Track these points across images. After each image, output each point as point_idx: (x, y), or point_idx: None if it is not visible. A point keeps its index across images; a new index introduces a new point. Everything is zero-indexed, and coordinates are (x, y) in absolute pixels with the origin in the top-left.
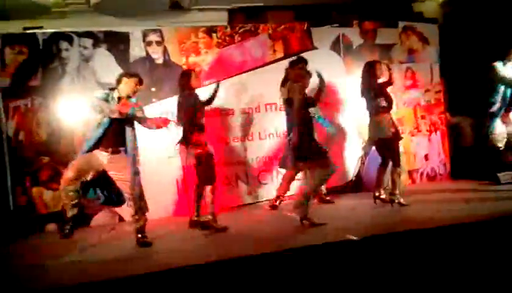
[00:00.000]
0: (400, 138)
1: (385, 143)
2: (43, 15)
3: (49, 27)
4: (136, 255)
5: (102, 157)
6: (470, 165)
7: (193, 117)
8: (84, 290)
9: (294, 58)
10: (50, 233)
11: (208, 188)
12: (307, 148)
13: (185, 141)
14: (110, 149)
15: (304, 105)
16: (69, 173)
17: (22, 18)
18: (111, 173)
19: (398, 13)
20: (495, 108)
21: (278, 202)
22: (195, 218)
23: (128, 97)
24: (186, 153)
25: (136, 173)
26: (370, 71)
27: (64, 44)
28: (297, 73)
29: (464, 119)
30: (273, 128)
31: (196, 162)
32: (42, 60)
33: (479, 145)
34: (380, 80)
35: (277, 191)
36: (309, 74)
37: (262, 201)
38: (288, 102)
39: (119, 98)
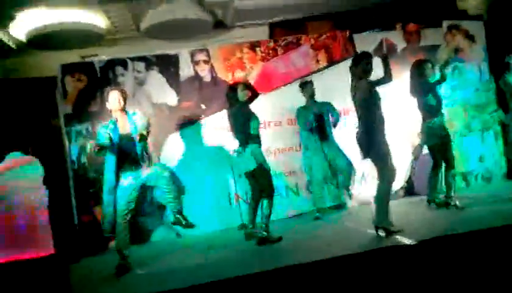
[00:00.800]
0: (451, 140)
1: (438, 146)
2: (97, 43)
3: (103, 54)
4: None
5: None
6: None
7: (247, 128)
8: None
9: (358, 54)
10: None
11: (266, 200)
12: (368, 145)
13: (241, 152)
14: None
15: (369, 100)
16: None
17: (78, 48)
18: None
19: (442, 12)
20: None
21: None
22: (250, 231)
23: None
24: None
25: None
26: (419, 70)
27: (119, 70)
28: (361, 70)
29: None
30: None
31: (252, 174)
32: (100, 86)
33: None
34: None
35: None
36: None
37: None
38: (354, 100)
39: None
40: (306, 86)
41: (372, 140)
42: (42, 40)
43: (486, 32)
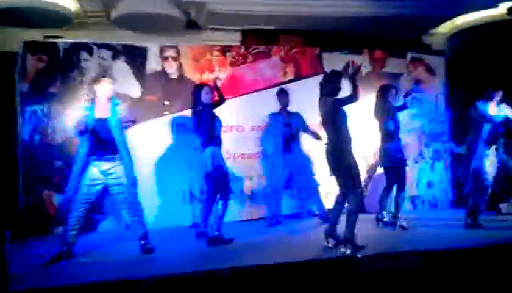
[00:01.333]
0: (406, 164)
1: (392, 168)
2: (64, 25)
3: (69, 38)
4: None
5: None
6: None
7: (208, 130)
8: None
9: (329, 72)
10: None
11: (221, 201)
12: (334, 162)
13: (201, 152)
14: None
15: (335, 117)
16: None
17: (44, 27)
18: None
19: (407, 44)
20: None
21: None
22: (202, 230)
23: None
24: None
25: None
26: (384, 94)
27: (84, 54)
28: (330, 87)
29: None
30: None
31: (209, 174)
32: (62, 68)
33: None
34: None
35: None
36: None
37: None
38: (321, 116)
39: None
40: (281, 94)
41: (338, 158)
42: (7, 15)
43: (446, 67)
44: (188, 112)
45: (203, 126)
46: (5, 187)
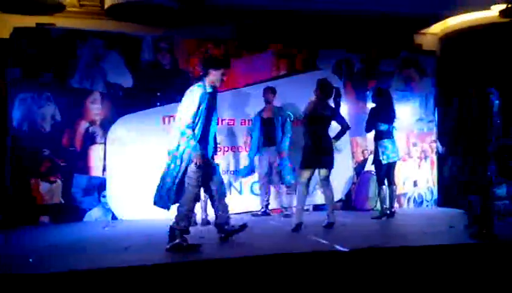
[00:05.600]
0: (396, 162)
1: (384, 165)
2: (57, 13)
3: (61, 26)
4: None
5: None
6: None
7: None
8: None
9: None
10: (44, 224)
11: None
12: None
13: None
14: None
15: (310, 120)
16: None
17: (36, 14)
18: None
19: (399, 44)
20: None
21: None
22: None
23: None
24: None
25: None
26: (379, 96)
27: (77, 42)
28: (323, 94)
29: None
30: None
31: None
32: (54, 56)
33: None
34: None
35: None
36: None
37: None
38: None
39: None
40: (265, 92)
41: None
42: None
43: (437, 68)
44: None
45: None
46: None
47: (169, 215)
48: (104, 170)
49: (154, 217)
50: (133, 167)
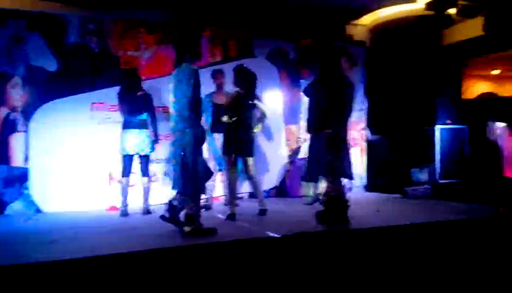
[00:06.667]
0: None
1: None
2: None
3: None
4: None
5: None
6: (384, 180)
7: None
8: None
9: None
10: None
11: (145, 180)
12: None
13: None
14: None
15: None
16: None
17: None
18: None
19: (332, 34)
20: None
21: None
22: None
23: None
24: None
25: None
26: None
27: None
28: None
29: (382, 137)
30: None
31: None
32: None
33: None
34: None
35: None
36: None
37: None
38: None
39: None
40: (214, 75)
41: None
42: None
43: (367, 58)
44: (109, 90)
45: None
46: None
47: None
48: (26, 159)
49: (81, 209)
50: (58, 157)
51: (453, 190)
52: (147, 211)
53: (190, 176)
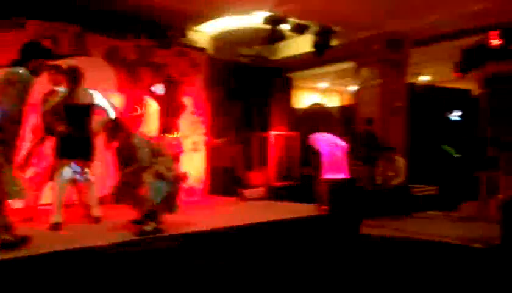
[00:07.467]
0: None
1: None
2: None
3: None
4: None
5: None
6: (224, 184)
7: None
8: None
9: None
10: None
11: None
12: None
13: None
14: None
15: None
16: None
17: None
18: None
19: (173, 37)
20: None
21: None
22: None
23: None
24: None
25: None
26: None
27: None
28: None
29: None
30: None
31: None
32: None
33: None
34: None
35: None
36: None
37: None
38: None
39: None
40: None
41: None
42: None
43: (210, 65)
44: None
45: None
46: None
47: None
48: None
49: None
50: None
51: (285, 192)
52: None
53: None
